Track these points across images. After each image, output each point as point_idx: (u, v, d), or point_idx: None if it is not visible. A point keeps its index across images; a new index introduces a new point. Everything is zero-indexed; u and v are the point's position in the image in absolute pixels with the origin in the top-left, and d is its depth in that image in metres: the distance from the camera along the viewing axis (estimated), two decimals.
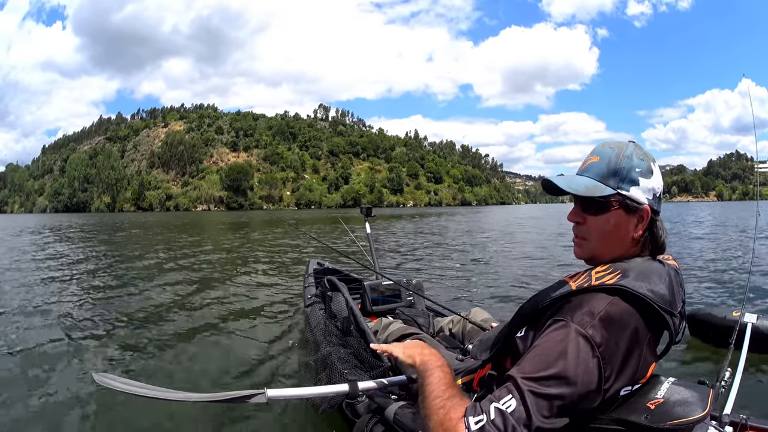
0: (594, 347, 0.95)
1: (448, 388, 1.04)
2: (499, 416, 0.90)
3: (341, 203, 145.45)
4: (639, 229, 1.12)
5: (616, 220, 1.11)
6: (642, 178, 1.10)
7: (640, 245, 1.13)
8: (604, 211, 1.12)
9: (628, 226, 1.11)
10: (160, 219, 39.55)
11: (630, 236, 1.12)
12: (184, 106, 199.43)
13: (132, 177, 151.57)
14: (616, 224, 1.12)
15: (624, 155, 1.12)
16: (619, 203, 1.11)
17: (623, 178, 1.10)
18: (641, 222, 1.11)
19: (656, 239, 1.14)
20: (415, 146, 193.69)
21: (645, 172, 1.11)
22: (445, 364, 1.12)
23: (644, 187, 1.11)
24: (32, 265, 8.27)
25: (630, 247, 1.13)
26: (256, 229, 21.14)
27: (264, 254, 10.00)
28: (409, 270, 7.40)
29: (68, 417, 2.27)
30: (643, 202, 1.10)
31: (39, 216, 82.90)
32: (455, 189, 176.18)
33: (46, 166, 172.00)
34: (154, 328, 3.89)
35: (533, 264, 7.85)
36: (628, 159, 1.11)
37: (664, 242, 1.15)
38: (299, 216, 38.54)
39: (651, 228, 1.13)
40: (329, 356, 1.96)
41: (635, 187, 1.10)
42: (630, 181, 1.10)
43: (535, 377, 0.93)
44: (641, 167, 1.11)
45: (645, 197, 1.11)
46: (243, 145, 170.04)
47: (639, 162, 1.11)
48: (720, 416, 1.28)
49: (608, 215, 1.11)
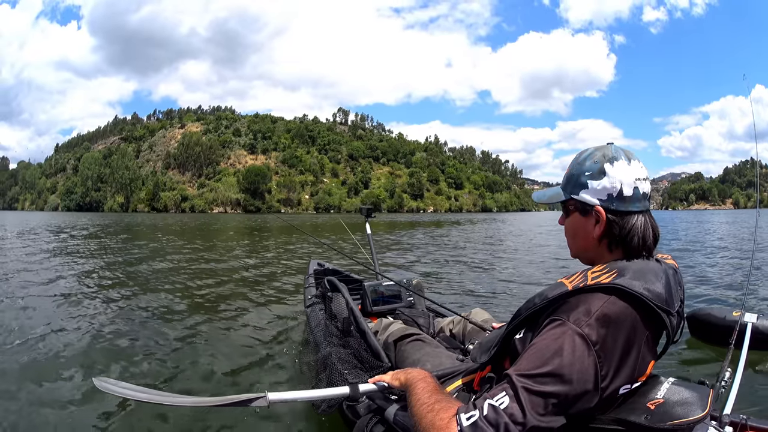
0: (590, 346, 0.96)
1: (433, 394, 1.08)
2: (492, 412, 0.91)
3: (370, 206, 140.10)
4: (597, 230, 1.17)
5: (575, 221, 1.23)
6: (591, 180, 1.17)
7: (605, 244, 1.17)
8: (569, 215, 1.25)
9: (587, 227, 1.19)
10: (168, 221, 39.57)
11: (591, 236, 1.18)
12: (201, 107, 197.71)
13: (147, 177, 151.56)
14: (576, 225, 1.22)
15: (576, 162, 1.23)
16: (574, 207, 1.22)
17: (574, 183, 1.21)
18: (598, 222, 1.16)
19: (623, 238, 1.15)
20: (436, 151, 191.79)
21: (595, 174, 1.17)
22: (428, 376, 1.19)
23: (593, 189, 1.17)
24: (34, 264, 8.11)
25: (596, 246, 1.19)
26: (265, 233, 21.06)
27: (264, 254, 10.16)
28: (409, 270, 7.47)
29: (68, 422, 2.27)
30: (593, 203, 1.17)
31: (50, 214, 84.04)
32: (476, 195, 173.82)
33: (59, 164, 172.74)
34: (153, 331, 3.85)
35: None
36: (579, 165, 1.21)
37: (643, 240, 1.15)
38: (318, 220, 39.00)
39: (612, 227, 1.15)
40: (329, 356, 1.96)
41: (584, 190, 1.18)
42: (579, 185, 1.20)
43: (530, 374, 0.95)
44: (591, 170, 1.18)
45: (596, 198, 1.16)
46: (261, 148, 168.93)
47: (591, 165, 1.18)
48: (720, 416, 1.28)
49: (571, 218, 1.24)
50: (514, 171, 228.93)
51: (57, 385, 2.69)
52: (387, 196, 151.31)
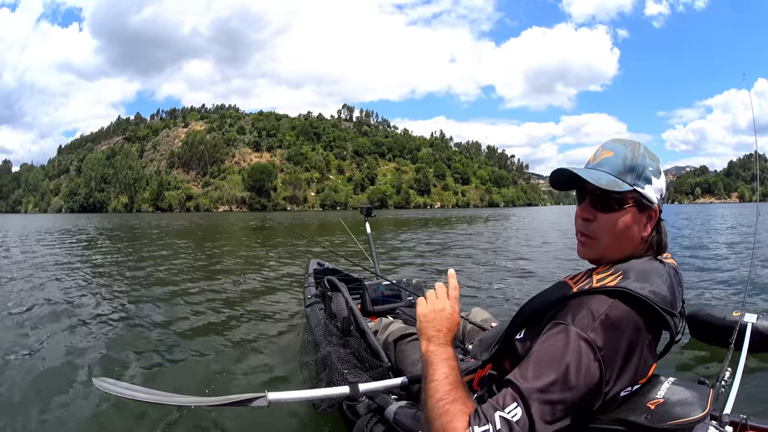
0: (595, 351, 0.95)
1: (453, 389, 0.99)
2: (505, 426, 0.89)
3: (369, 204, 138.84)
4: (648, 228, 1.13)
5: (628, 217, 1.11)
6: (654, 177, 1.12)
7: (647, 245, 1.14)
8: (618, 208, 1.10)
9: (639, 225, 1.12)
10: (170, 221, 39.18)
11: (639, 235, 1.12)
12: (204, 106, 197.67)
13: (151, 177, 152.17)
14: (629, 222, 1.11)
15: (638, 153, 1.13)
16: (633, 200, 1.10)
17: (639, 175, 1.11)
18: (650, 221, 1.13)
19: (661, 239, 1.15)
20: (441, 147, 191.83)
21: (656, 172, 1.13)
22: (453, 357, 1.08)
23: (655, 187, 1.12)
24: (34, 268, 8.02)
25: (638, 246, 1.14)
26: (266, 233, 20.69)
27: (265, 254, 10.19)
28: (409, 270, 7.44)
29: (68, 422, 2.28)
30: (654, 200, 1.12)
31: (54, 216, 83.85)
32: (482, 190, 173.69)
33: (62, 166, 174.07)
34: (153, 331, 3.86)
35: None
36: (643, 157, 1.12)
37: (666, 242, 1.17)
38: (321, 219, 38.07)
39: (657, 227, 1.15)
40: (329, 356, 1.95)
41: (649, 185, 1.11)
42: (645, 179, 1.11)
43: (539, 385, 0.92)
44: (653, 167, 1.13)
45: (656, 196, 1.12)
46: (266, 145, 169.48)
47: (651, 162, 1.13)
48: (720, 416, 1.28)
49: (621, 212, 1.10)
50: (520, 165, 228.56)
51: (57, 385, 2.69)
52: (393, 192, 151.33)
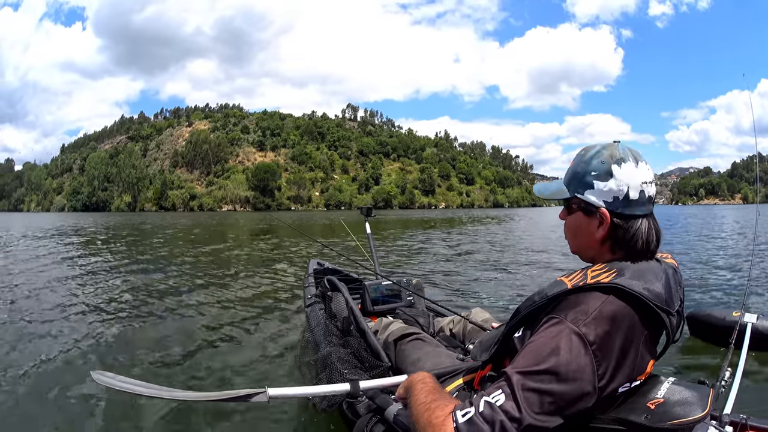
0: (587, 345, 0.96)
1: (430, 394, 1.07)
2: (487, 408, 0.91)
3: (372, 204, 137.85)
4: (601, 231, 1.15)
5: (577, 220, 1.19)
6: (597, 181, 1.14)
7: (607, 246, 1.16)
8: (571, 213, 1.21)
9: (590, 228, 1.16)
10: (173, 221, 38.76)
11: (593, 237, 1.16)
12: (208, 105, 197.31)
13: (154, 176, 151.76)
14: (578, 224, 1.19)
15: (582, 160, 1.18)
16: (577, 206, 1.19)
17: (579, 182, 1.17)
18: (602, 224, 1.14)
19: (628, 241, 1.14)
20: (446, 147, 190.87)
21: (602, 175, 1.14)
22: (427, 377, 1.17)
23: (599, 190, 1.14)
24: (36, 266, 8.14)
25: (598, 247, 1.17)
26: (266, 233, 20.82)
27: (265, 255, 10.17)
28: (409, 270, 7.43)
29: (67, 416, 2.29)
30: (598, 204, 1.14)
31: (57, 215, 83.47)
32: (487, 191, 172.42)
33: (65, 164, 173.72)
34: (154, 327, 3.89)
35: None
36: (585, 163, 1.17)
37: (647, 244, 1.14)
38: (324, 219, 37.74)
39: (615, 230, 1.14)
40: (329, 356, 1.97)
41: (590, 190, 1.15)
42: (584, 184, 1.16)
43: (526, 371, 0.95)
44: (598, 170, 1.14)
45: (601, 200, 1.14)
46: (270, 145, 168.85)
47: (597, 165, 1.15)
48: (720, 416, 1.29)
49: (573, 216, 1.21)
50: (524, 166, 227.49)
51: (56, 379, 2.71)
52: (398, 192, 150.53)
